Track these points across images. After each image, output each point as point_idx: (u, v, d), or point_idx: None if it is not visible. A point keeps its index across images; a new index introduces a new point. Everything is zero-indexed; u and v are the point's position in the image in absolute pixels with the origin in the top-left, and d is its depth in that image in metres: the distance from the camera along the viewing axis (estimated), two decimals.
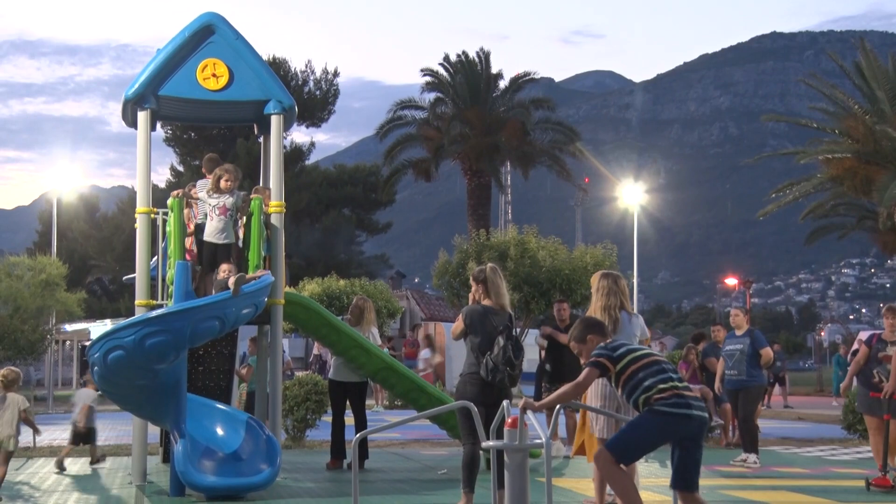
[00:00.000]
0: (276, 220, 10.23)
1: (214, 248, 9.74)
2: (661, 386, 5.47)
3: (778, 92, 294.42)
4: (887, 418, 9.07)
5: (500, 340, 7.72)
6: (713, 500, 8.51)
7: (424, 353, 24.91)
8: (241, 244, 9.95)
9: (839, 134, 30.04)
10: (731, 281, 57.23)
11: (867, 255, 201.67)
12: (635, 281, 35.77)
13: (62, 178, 31.29)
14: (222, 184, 9.74)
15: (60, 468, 10.75)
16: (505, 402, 6.24)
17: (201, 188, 10.19)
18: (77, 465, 11.46)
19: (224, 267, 9.36)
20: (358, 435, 6.04)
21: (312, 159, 52.04)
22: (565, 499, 8.66)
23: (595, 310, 7.62)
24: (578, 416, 8.32)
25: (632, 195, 39.63)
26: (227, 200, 9.75)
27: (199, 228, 9.95)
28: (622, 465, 5.51)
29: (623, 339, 6.44)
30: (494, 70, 40.27)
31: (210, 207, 9.76)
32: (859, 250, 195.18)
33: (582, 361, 5.88)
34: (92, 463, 11.24)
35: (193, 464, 8.44)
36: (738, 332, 11.86)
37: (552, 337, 11.98)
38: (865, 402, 9.83)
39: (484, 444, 5.93)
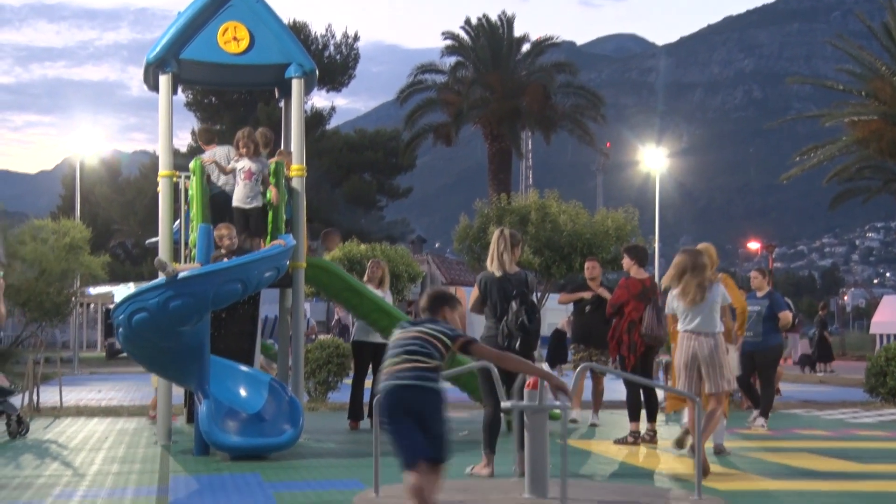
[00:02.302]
0: (297, 183, 10.27)
1: (244, 213, 9.78)
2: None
3: (803, 54, 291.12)
4: None
5: (514, 305, 7.75)
6: (733, 462, 8.55)
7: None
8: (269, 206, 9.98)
9: (865, 96, 29.75)
10: (754, 245, 57.01)
11: (892, 218, 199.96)
12: (657, 246, 35.67)
13: (84, 142, 31.45)
14: (241, 149, 9.77)
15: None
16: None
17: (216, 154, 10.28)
18: (103, 425, 11.62)
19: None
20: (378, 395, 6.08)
21: (333, 124, 52.01)
22: (588, 461, 8.73)
23: (671, 282, 8.20)
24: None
25: (654, 160, 39.43)
26: (253, 165, 9.77)
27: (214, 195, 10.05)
28: None
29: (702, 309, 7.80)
30: (517, 34, 40.04)
31: (236, 172, 9.80)
32: (884, 213, 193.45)
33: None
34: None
35: (217, 424, 8.55)
36: (759, 294, 11.82)
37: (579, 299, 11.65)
38: None
39: (504, 405, 5.98)
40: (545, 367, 5.81)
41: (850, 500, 6.73)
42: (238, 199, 9.81)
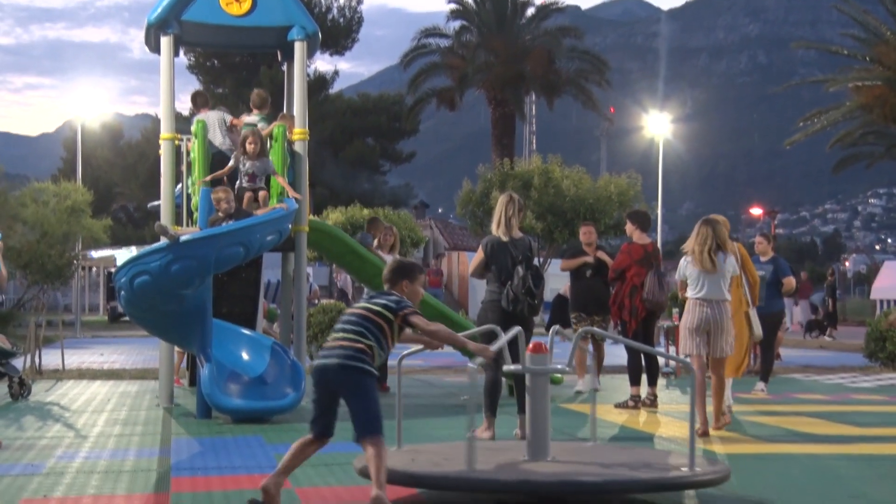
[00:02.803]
0: (299, 147, 10.24)
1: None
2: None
3: (809, 19, 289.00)
4: None
5: (520, 270, 7.73)
6: (732, 425, 8.59)
7: None
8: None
9: (870, 61, 29.56)
10: (756, 211, 56.92)
11: (895, 184, 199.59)
12: (659, 212, 35.65)
13: (85, 104, 31.34)
14: (248, 147, 9.66)
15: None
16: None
17: (209, 118, 10.24)
18: (105, 387, 11.68)
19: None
20: (404, 353, 6.13)
21: (336, 88, 51.81)
22: (588, 425, 8.77)
23: (690, 250, 8.38)
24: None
25: (658, 125, 39.26)
26: (257, 167, 9.68)
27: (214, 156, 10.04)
28: None
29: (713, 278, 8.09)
30: None
31: (241, 173, 9.74)
32: (887, 180, 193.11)
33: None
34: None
35: (219, 387, 8.58)
36: (763, 259, 11.80)
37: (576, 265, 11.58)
38: None
39: (506, 368, 5.99)
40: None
41: (847, 462, 6.77)
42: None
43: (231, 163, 9.87)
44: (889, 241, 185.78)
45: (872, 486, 5.91)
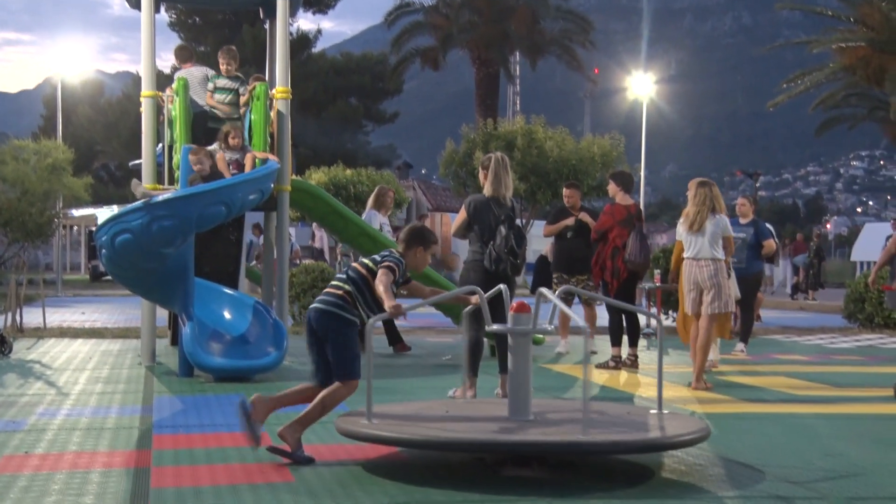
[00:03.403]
0: (282, 106, 10.17)
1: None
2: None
3: None
4: None
5: (503, 230, 7.72)
6: (712, 387, 8.66)
7: None
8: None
9: (854, 21, 29.49)
10: (739, 174, 57.08)
11: (877, 146, 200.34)
12: (642, 173, 35.68)
13: (65, 61, 30.99)
14: (231, 141, 9.60)
15: None
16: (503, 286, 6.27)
17: (191, 75, 10.16)
18: (87, 346, 11.65)
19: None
20: (372, 318, 6.11)
21: (319, 47, 51.42)
22: (568, 385, 8.83)
23: (688, 213, 8.83)
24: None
25: (641, 87, 39.18)
26: (241, 157, 9.63)
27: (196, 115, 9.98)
28: None
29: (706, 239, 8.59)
30: None
31: (217, 161, 9.66)
32: (869, 142, 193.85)
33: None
34: None
35: (202, 346, 8.59)
36: (743, 221, 11.79)
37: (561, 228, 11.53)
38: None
39: (488, 328, 6.00)
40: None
41: (825, 422, 6.85)
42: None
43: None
44: (870, 203, 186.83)
45: (849, 445, 5.98)
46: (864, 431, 6.52)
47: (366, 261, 5.42)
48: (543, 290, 5.83)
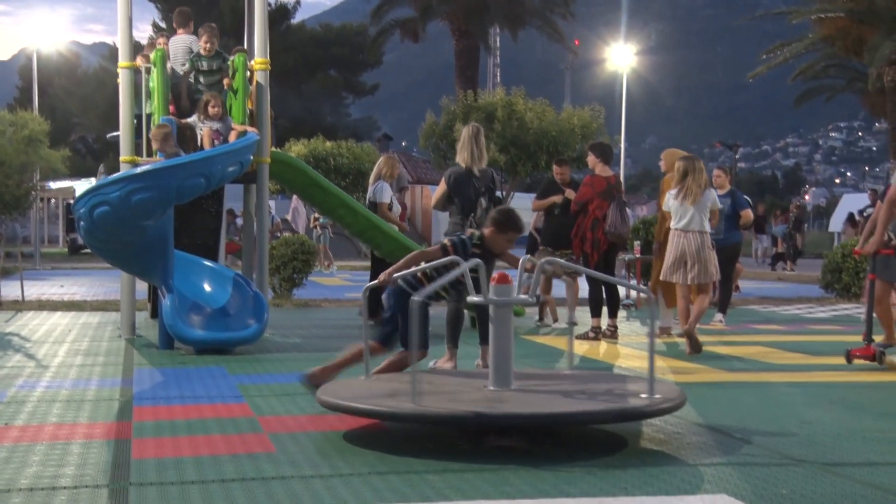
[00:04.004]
0: (261, 77, 10.11)
1: None
2: None
3: None
4: (872, 278, 8.26)
5: (483, 202, 7.74)
6: (689, 355, 8.74)
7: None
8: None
9: None
10: (719, 146, 57.26)
11: (855, 118, 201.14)
12: (622, 146, 35.72)
13: (41, 32, 30.67)
14: (210, 110, 9.53)
15: None
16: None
17: (175, 44, 10.06)
18: (66, 318, 11.62)
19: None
20: (368, 284, 6.17)
21: (298, 18, 51.06)
22: (547, 356, 8.89)
23: (689, 186, 9.19)
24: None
25: (621, 58, 39.14)
26: (221, 128, 9.57)
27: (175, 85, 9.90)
28: None
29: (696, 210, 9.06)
30: None
31: (200, 132, 9.60)
32: (847, 113, 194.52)
33: (504, 248, 6.27)
34: None
35: (182, 318, 8.58)
36: (720, 192, 11.83)
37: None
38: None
39: (469, 299, 6.01)
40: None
41: (801, 390, 6.92)
42: None
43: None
44: (848, 174, 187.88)
45: (823, 412, 6.05)
46: (838, 399, 6.60)
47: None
48: (528, 257, 5.87)
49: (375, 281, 6.04)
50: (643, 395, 5.14)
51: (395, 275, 5.91)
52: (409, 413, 4.92)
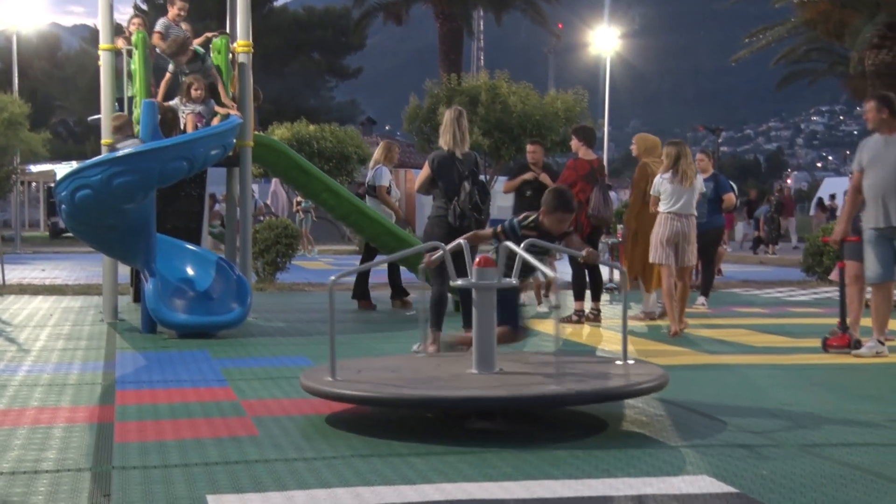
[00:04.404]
0: (243, 59, 10.06)
1: None
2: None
3: None
4: (842, 266, 8.26)
5: (467, 186, 7.73)
6: (672, 338, 8.78)
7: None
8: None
9: None
10: (702, 129, 57.37)
11: (837, 101, 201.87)
12: (606, 129, 35.73)
13: (20, 13, 30.38)
14: (193, 93, 9.44)
15: None
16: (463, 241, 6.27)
17: (161, 27, 9.98)
18: (47, 303, 11.57)
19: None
20: (332, 277, 6.09)
21: (280, 1, 50.77)
22: (532, 339, 8.91)
23: (684, 170, 9.34)
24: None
25: (605, 41, 39.11)
26: (204, 110, 9.48)
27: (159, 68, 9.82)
28: None
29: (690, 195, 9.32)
30: None
31: (183, 115, 9.51)
32: (829, 97, 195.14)
33: (559, 229, 6.16)
34: None
35: (164, 302, 8.55)
36: (703, 176, 11.85)
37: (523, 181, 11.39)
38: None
39: (453, 283, 6.02)
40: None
41: (782, 372, 6.97)
42: None
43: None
44: (830, 158, 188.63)
45: (804, 394, 6.10)
46: (819, 381, 6.65)
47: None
48: (509, 244, 5.87)
49: (423, 263, 5.93)
50: (622, 375, 5.16)
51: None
52: (391, 397, 4.93)
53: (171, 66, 9.75)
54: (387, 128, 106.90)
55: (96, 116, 10.48)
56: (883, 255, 7.64)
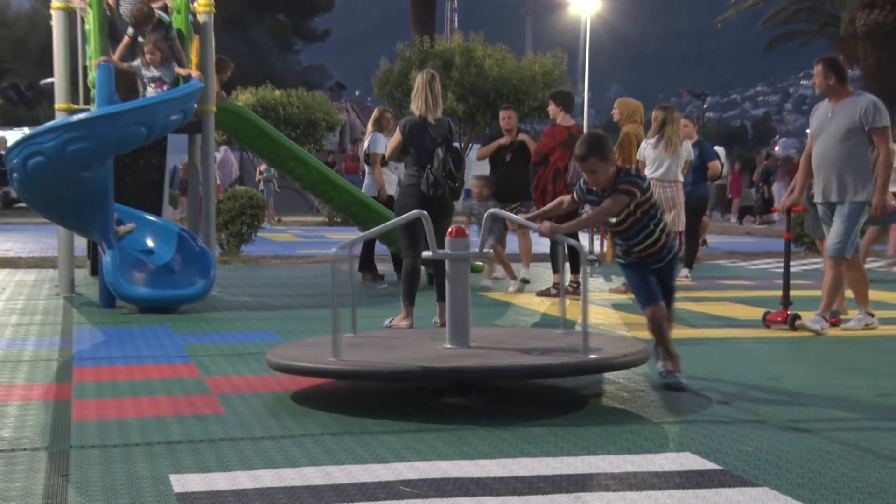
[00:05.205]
0: (205, 19, 9.96)
1: None
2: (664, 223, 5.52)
3: None
4: (788, 237, 8.30)
5: (440, 153, 7.70)
6: None
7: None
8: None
9: None
10: (686, 94, 57.51)
11: None
12: (585, 95, 35.75)
13: None
14: (148, 59, 9.27)
15: None
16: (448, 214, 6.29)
17: None
18: (0, 276, 11.48)
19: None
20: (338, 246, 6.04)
21: None
22: (509, 312, 8.95)
23: (669, 136, 9.66)
24: None
25: (584, 2, 39.03)
26: (165, 74, 9.33)
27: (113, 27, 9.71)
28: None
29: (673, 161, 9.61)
30: None
31: (146, 80, 9.38)
32: None
33: (590, 183, 5.51)
34: None
35: (124, 275, 8.51)
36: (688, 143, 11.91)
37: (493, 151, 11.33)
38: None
39: (425, 254, 6.03)
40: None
41: (767, 346, 7.04)
42: None
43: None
44: None
45: (790, 368, 6.17)
46: (804, 355, 6.73)
47: None
48: (495, 211, 5.89)
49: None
50: (602, 349, 5.20)
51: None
52: (361, 370, 4.95)
53: (130, 30, 9.63)
54: (356, 93, 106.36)
55: (49, 80, 10.39)
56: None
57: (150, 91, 9.28)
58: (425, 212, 6.04)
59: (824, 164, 7.51)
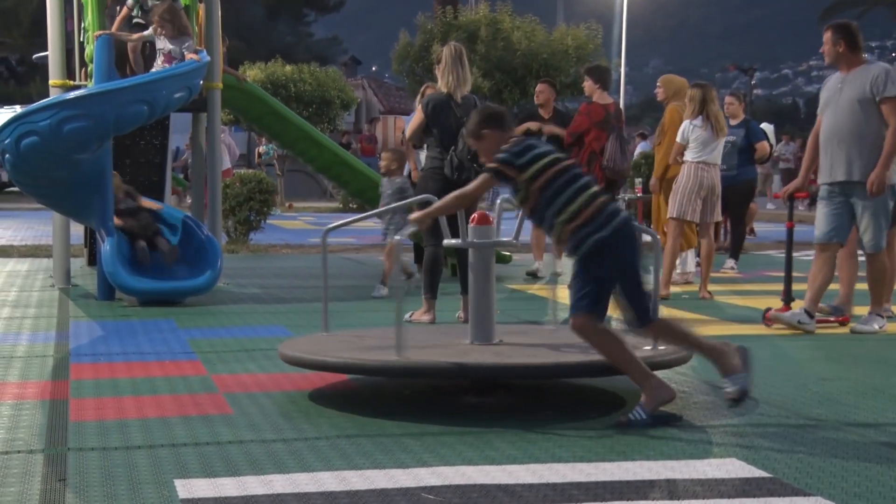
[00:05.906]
0: None
1: None
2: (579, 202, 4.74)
3: None
4: (790, 226, 8.37)
5: (465, 133, 7.71)
6: (699, 305, 8.82)
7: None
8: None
9: None
10: (733, 69, 57.22)
11: (888, 36, 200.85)
12: (622, 70, 35.60)
13: None
14: (157, 31, 9.26)
15: None
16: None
17: None
18: None
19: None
20: (328, 227, 6.08)
21: None
22: (542, 307, 8.95)
23: (716, 115, 9.45)
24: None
25: None
26: (174, 49, 9.32)
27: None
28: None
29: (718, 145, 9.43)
30: None
31: (158, 51, 9.39)
32: (880, 32, 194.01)
33: (482, 161, 5.29)
34: None
35: (124, 265, 8.56)
36: (733, 123, 11.75)
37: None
38: None
39: (446, 242, 6.03)
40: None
41: (823, 343, 7.03)
42: None
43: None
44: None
45: (846, 369, 6.14)
46: (862, 353, 6.70)
47: None
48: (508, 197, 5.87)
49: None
50: (646, 348, 5.19)
51: None
52: (380, 366, 4.96)
53: (129, 1, 9.66)
54: (373, 69, 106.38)
55: (42, 54, 10.45)
56: (832, 214, 7.42)
57: (158, 65, 9.28)
58: (436, 198, 6.02)
59: (832, 139, 7.32)
